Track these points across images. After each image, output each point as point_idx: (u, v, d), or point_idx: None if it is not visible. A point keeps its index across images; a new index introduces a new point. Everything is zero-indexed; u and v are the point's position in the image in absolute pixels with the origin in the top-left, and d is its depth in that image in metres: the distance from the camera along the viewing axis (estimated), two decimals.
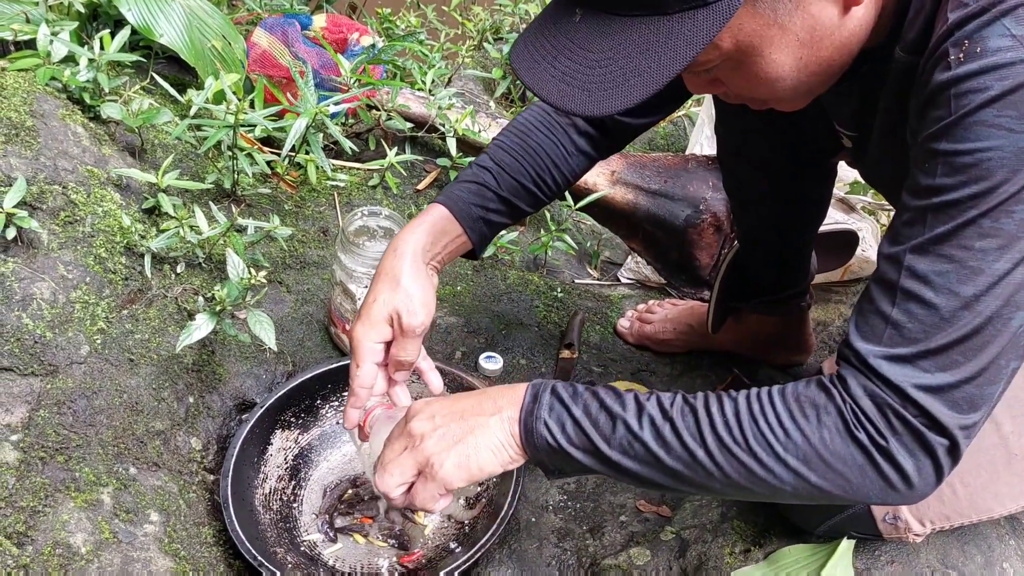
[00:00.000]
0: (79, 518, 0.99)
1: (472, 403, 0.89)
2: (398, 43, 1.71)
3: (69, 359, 1.12)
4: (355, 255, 1.27)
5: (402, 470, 0.89)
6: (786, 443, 0.79)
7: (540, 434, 0.85)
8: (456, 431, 0.87)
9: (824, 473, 0.79)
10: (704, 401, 0.83)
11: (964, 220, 0.73)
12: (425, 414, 0.89)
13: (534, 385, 0.88)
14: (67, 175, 1.27)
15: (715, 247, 1.66)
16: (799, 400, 0.80)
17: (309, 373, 1.29)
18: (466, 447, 0.87)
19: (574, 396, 0.86)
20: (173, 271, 1.32)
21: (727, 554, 1.12)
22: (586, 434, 0.84)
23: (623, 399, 0.85)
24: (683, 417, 0.83)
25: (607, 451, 0.84)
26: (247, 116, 1.38)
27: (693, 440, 0.81)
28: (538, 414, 0.86)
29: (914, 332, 0.76)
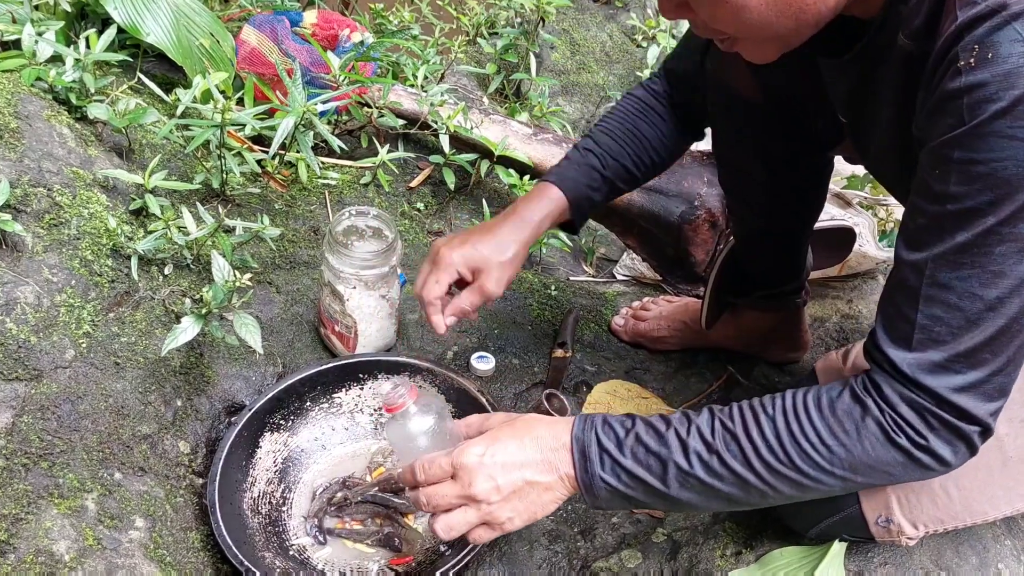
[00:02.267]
0: (62, 525, 0.99)
1: (528, 467, 0.93)
2: (387, 40, 1.70)
3: (54, 363, 1.12)
4: (342, 256, 1.26)
5: (468, 524, 0.94)
6: (831, 459, 0.84)
7: (600, 489, 0.91)
8: (523, 497, 0.93)
9: (870, 475, 0.85)
10: (743, 424, 0.87)
11: (983, 228, 0.76)
12: (485, 479, 0.92)
13: (578, 440, 0.92)
14: (52, 177, 1.26)
15: (710, 243, 1.64)
16: (836, 414, 0.84)
17: (299, 375, 1.28)
18: (533, 506, 0.93)
19: (620, 446, 0.91)
20: (160, 273, 1.31)
21: (718, 556, 1.11)
22: (642, 481, 0.89)
23: (666, 439, 0.89)
24: (727, 447, 0.87)
25: (665, 491, 0.89)
26: (235, 115, 1.37)
27: (743, 468, 0.86)
28: (592, 471, 0.91)
29: (942, 335, 0.80)
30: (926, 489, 0.98)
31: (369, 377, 1.32)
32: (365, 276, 1.28)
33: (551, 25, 2.18)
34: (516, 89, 2.09)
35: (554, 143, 1.72)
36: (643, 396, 1.44)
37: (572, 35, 2.26)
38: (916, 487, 0.98)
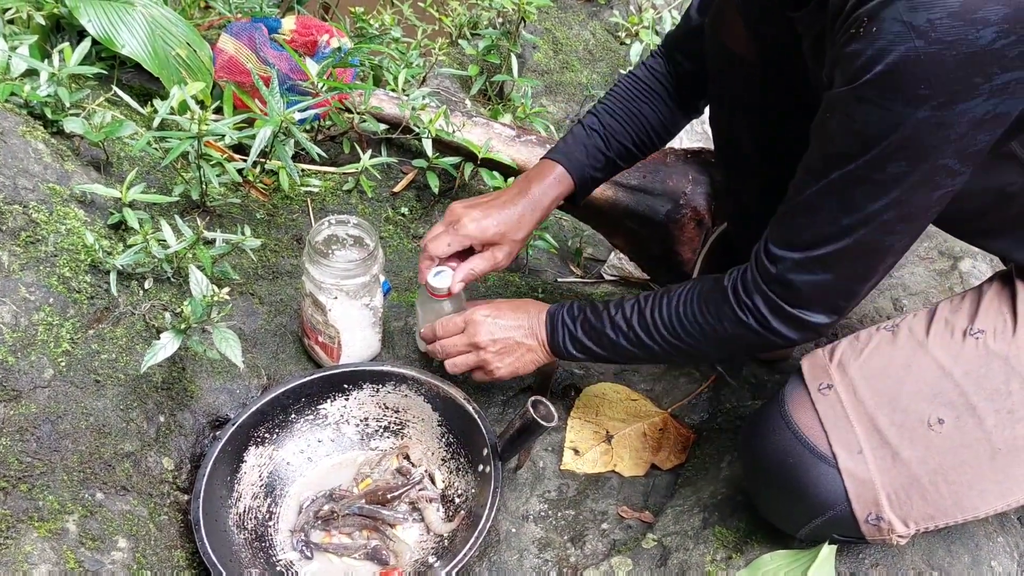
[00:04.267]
0: (43, 548, 0.97)
1: (518, 329, 1.25)
2: (365, 45, 1.68)
3: (32, 383, 1.10)
4: (322, 266, 1.25)
5: (467, 365, 1.27)
6: (700, 332, 1.11)
7: (561, 352, 1.24)
8: (511, 351, 1.25)
9: (732, 346, 1.11)
10: (650, 307, 1.15)
11: (849, 170, 0.92)
12: (486, 332, 1.25)
13: (551, 316, 1.24)
14: (28, 193, 1.24)
15: (696, 242, 1.63)
16: (706, 300, 1.10)
17: (283, 387, 1.27)
18: (517, 362, 1.26)
19: (575, 322, 1.22)
20: (141, 287, 1.29)
21: (708, 562, 1.11)
22: (589, 348, 1.21)
23: (602, 316, 1.19)
24: (639, 323, 1.16)
25: (605, 355, 1.20)
26: (212, 126, 1.35)
27: (648, 338, 1.15)
28: (556, 340, 1.23)
29: (806, 240, 0.99)
30: (916, 485, 0.98)
31: (354, 387, 1.31)
32: (346, 286, 1.26)
33: (533, 25, 2.17)
34: (499, 90, 2.07)
35: (538, 144, 1.71)
36: (632, 398, 1.43)
37: (555, 34, 2.25)
38: (906, 484, 0.98)
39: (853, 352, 1.06)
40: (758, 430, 1.05)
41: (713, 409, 1.44)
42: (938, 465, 0.98)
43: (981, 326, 1.03)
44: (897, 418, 0.99)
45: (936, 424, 0.98)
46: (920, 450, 0.97)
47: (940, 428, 0.98)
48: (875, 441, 0.98)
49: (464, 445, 1.28)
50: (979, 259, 1.73)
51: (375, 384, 1.31)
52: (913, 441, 0.98)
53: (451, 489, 1.27)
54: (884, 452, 0.98)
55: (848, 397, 1.01)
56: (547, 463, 1.32)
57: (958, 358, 1.01)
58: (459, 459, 1.28)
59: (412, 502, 1.24)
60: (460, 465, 1.28)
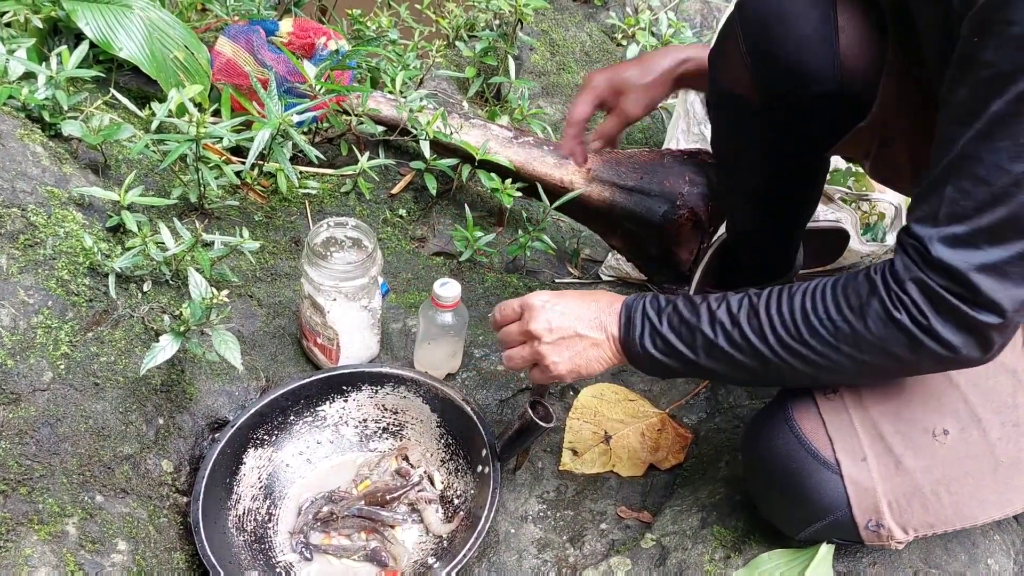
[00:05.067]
0: (43, 551, 0.98)
1: (581, 319, 1.06)
2: (362, 47, 1.68)
3: (32, 386, 1.10)
4: (321, 268, 1.25)
5: (523, 359, 1.09)
6: (835, 333, 0.88)
7: (638, 352, 1.02)
8: (572, 346, 1.06)
9: (874, 354, 0.87)
10: (767, 301, 0.94)
11: (1015, 94, 0.74)
12: (543, 319, 1.06)
13: (627, 307, 1.04)
14: (26, 197, 1.24)
15: (694, 242, 1.64)
16: (846, 292, 0.88)
17: (282, 389, 1.27)
18: (578, 358, 1.06)
19: (660, 314, 1.01)
20: (139, 290, 1.29)
21: (707, 561, 1.11)
22: (675, 347, 0.99)
23: (698, 310, 0.98)
24: (748, 320, 0.94)
25: (694, 359, 0.99)
26: (210, 128, 1.36)
27: (759, 340, 0.93)
28: (633, 336, 1.02)
29: (967, 209, 0.79)
30: (917, 495, 0.98)
31: (353, 389, 1.31)
32: (345, 288, 1.27)
33: (529, 26, 2.17)
34: (496, 92, 2.08)
35: (535, 145, 1.71)
36: (630, 399, 1.44)
37: (551, 36, 2.25)
38: (907, 492, 0.98)
39: None
40: (761, 432, 1.05)
41: (711, 409, 1.45)
42: (941, 475, 0.98)
43: None
44: (902, 427, 0.98)
45: (941, 435, 0.98)
46: (924, 460, 0.97)
47: (945, 439, 0.97)
48: (879, 449, 0.98)
49: (463, 446, 1.28)
50: None
51: (374, 386, 1.32)
52: (917, 450, 0.98)
53: (450, 490, 1.27)
54: (888, 460, 0.98)
55: (854, 404, 1.00)
56: (546, 464, 1.33)
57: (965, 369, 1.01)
58: (458, 460, 1.28)
59: (411, 503, 1.25)
60: (459, 466, 1.28)
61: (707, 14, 2.45)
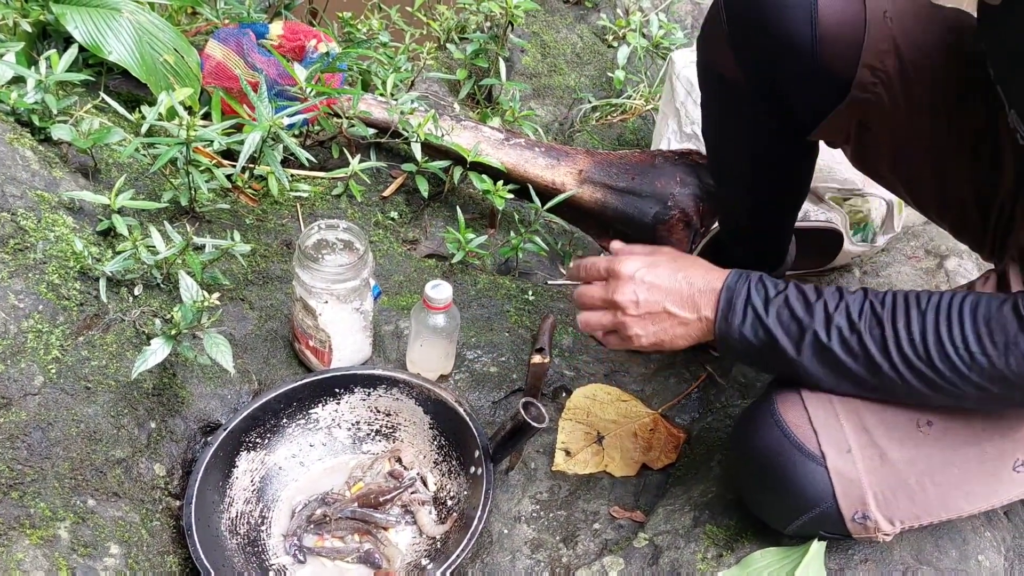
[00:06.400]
0: (34, 556, 0.97)
1: (672, 295, 1.00)
2: (353, 50, 1.68)
3: (22, 391, 1.10)
4: (313, 271, 1.25)
5: (602, 326, 1.05)
6: (971, 365, 0.84)
7: (733, 340, 0.97)
8: (658, 322, 1.01)
9: (1008, 391, 0.86)
10: (892, 312, 0.89)
11: None
12: (630, 291, 1.01)
13: (729, 290, 0.97)
14: (16, 201, 1.24)
15: (685, 243, 1.64)
16: (989, 323, 0.84)
17: (274, 392, 1.27)
18: (663, 334, 1.02)
19: (767, 304, 0.95)
20: (130, 294, 1.29)
21: (699, 560, 1.11)
22: (777, 343, 0.94)
23: (812, 308, 0.92)
24: (870, 330, 0.89)
25: (795, 358, 0.94)
26: (201, 131, 1.35)
27: (880, 354, 0.88)
28: (732, 322, 0.96)
29: None
30: (903, 486, 0.98)
31: (345, 391, 1.31)
32: (337, 290, 1.27)
33: (521, 28, 2.18)
34: (487, 94, 2.08)
35: (526, 147, 1.72)
36: (623, 399, 1.44)
37: (542, 37, 2.26)
38: (893, 484, 0.99)
39: None
40: (747, 428, 1.06)
41: (703, 409, 1.45)
42: (926, 466, 0.98)
43: None
44: (887, 419, 0.99)
45: (925, 426, 0.98)
46: (908, 451, 0.98)
47: (929, 430, 0.98)
48: (864, 441, 0.99)
49: (456, 447, 1.28)
50: (965, 257, 1.75)
51: (366, 388, 1.32)
52: (902, 442, 0.98)
53: (443, 491, 1.27)
54: (872, 452, 0.98)
55: (838, 396, 1.01)
56: (538, 464, 1.33)
57: None
58: (451, 461, 1.29)
59: (404, 505, 1.25)
60: (452, 467, 1.28)
61: (698, 15, 2.45)
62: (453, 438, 1.28)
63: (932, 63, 1.07)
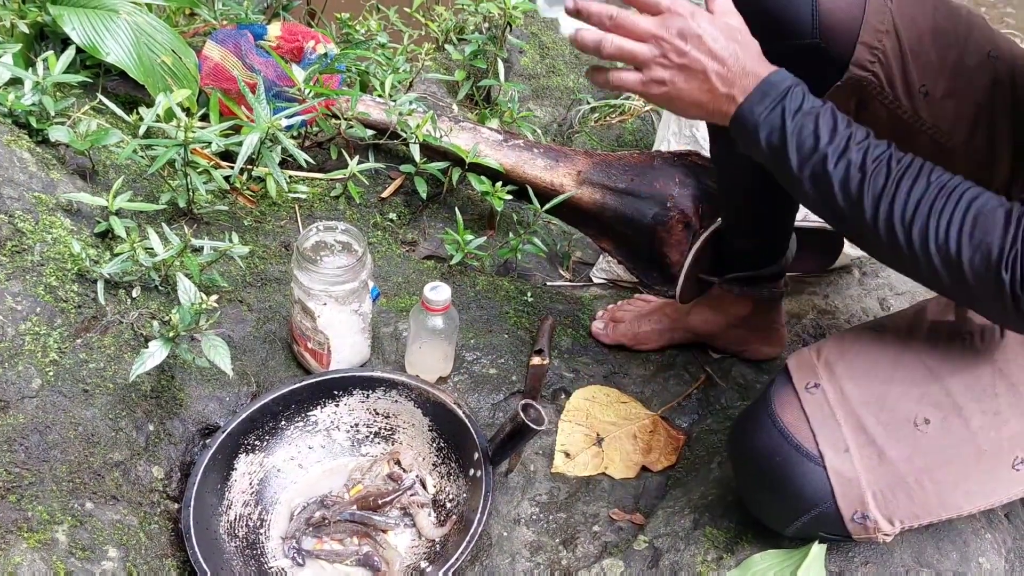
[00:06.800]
0: (32, 559, 0.97)
1: (716, 60, 0.94)
2: (351, 51, 1.68)
3: (20, 393, 1.10)
4: (311, 273, 1.25)
5: (633, 54, 0.95)
6: (941, 246, 0.87)
7: (747, 128, 0.95)
8: (690, 79, 0.95)
9: (957, 282, 0.88)
10: (903, 170, 0.90)
11: None
12: (688, 28, 0.93)
13: (769, 83, 0.94)
14: (13, 203, 1.24)
15: (684, 244, 1.64)
16: (977, 218, 0.86)
17: (273, 394, 1.27)
18: (684, 95, 0.96)
19: (797, 111, 0.93)
20: (128, 296, 1.29)
21: (699, 562, 1.11)
22: (784, 147, 0.93)
23: (836, 134, 0.92)
24: (874, 176, 0.90)
25: (794, 170, 0.94)
26: (199, 133, 1.35)
27: (870, 200, 0.90)
28: (755, 112, 0.94)
29: None
30: (901, 485, 0.98)
31: (344, 393, 1.31)
32: (335, 292, 1.26)
33: (519, 29, 2.18)
34: (486, 95, 2.08)
35: (525, 148, 1.71)
36: (622, 401, 1.44)
37: (541, 39, 2.26)
38: (891, 483, 0.99)
39: (840, 351, 1.07)
40: (745, 429, 1.06)
41: (703, 411, 1.45)
42: (924, 464, 0.99)
43: (969, 327, 1.04)
44: (884, 417, 0.99)
45: (922, 424, 0.98)
46: (906, 449, 0.98)
47: (926, 428, 0.98)
48: (861, 440, 0.99)
49: (455, 450, 1.28)
50: None
51: (365, 390, 1.31)
52: (899, 440, 0.99)
53: (442, 494, 1.27)
54: (870, 451, 0.98)
55: (835, 396, 1.01)
56: (538, 466, 1.32)
57: (945, 358, 1.02)
58: (450, 464, 1.28)
59: (403, 507, 1.24)
60: (451, 470, 1.28)
61: None
62: (452, 440, 1.28)
63: (929, 46, 1.09)
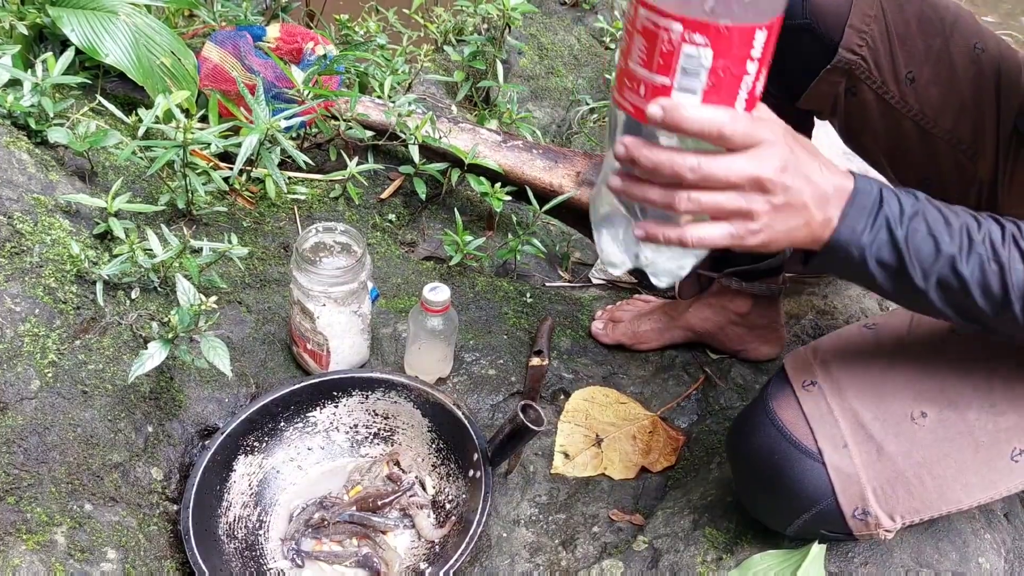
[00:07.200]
0: (31, 561, 0.97)
1: (811, 185, 0.78)
2: (350, 52, 1.68)
3: (19, 395, 1.10)
4: (310, 274, 1.24)
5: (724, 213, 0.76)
6: None
7: (849, 251, 0.81)
8: (791, 218, 0.79)
9: None
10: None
11: None
12: (788, 162, 0.76)
13: (860, 192, 0.80)
14: (12, 204, 1.24)
15: None
16: None
17: (272, 395, 1.27)
18: (783, 235, 0.80)
19: (902, 215, 0.80)
20: (127, 297, 1.29)
21: (699, 563, 1.11)
22: (904, 263, 0.81)
23: (951, 228, 0.81)
24: (1013, 266, 0.80)
25: (918, 282, 0.82)
26: (198, 134, 1.35)
27: (1018, 293, 0.80)
28: (857, 230, 0.80)
29: None
30: (901, 479, 0.99)
31: (343, 395, 1.31)
32: (334, 293, 1.26)
33: (518, 30, 2.18)
34: (485, 96, 2.08)
35: (524, 149, 1.72)
36: (621, 401, 1.44)
37: (540, 40, 2.26)
38: (891, 477, 0.99)
39: (836, 349, 1.07)
40: (744, 429, 1.06)
41: (702, 411, 1.45)
42: (922, 458, 0.99)
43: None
44: (881, 412, 1.00)
45: (919, 418, 0.99)
46: (904, 444, 0.98)
47: (923, 422, 0.99)
48: (860, 436, 0.99)
49: (454, 450, 1.28)
50: None
51: (364, 391, 1.31)
52: (897, 435, 0.99)
53: (442, 495, 1.27)
54: (869, 446, 0.98)
55: (832, 392, 1.01)
56: (537, 467, 1.32)
57: (940, 354, 1.02)
58: (449, 465, 1.28)
59: (403, 508, 1.24)
60: (450, 471, 1.28)
61: None
62: (451, 441, 1.28)
63: (915, 33, 1.11)
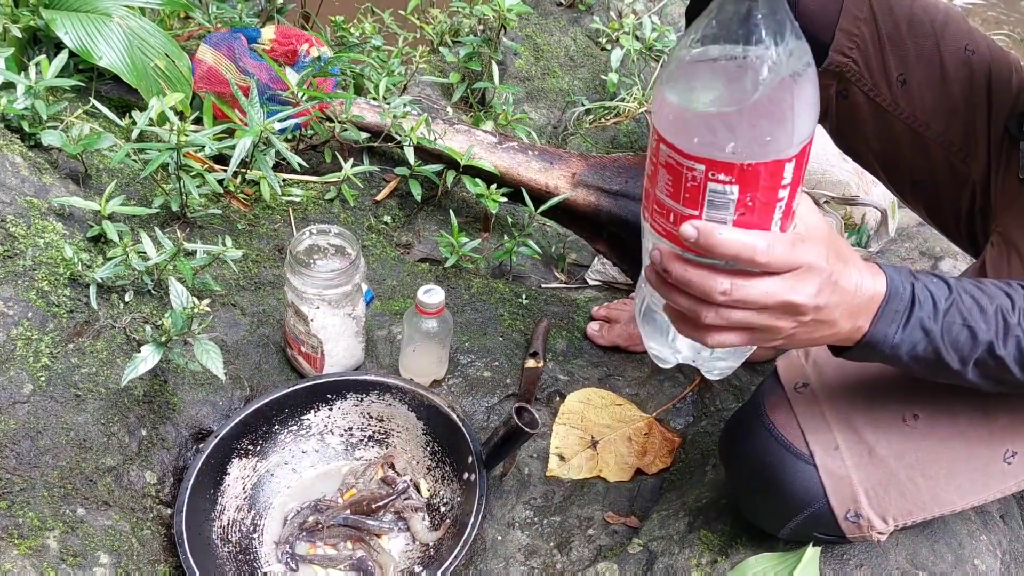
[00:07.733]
0: (23, 566, 0.96)
1: (847, 301, 0.77)
2: (345, 54, 1.68)
3: (11, 399, 1.09)
4: (304, 276, 1.24)
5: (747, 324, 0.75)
6: None
7: (880, 351, 0.81)
8: (819, 330, 0.78)
9: None
10: None
11: None
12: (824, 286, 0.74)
13: (893, 296, 0.79)
14: (5, 208, 1.23)
15: None
16: None
17: (266, 398, 1.26)
18: (808, 342, 0.80)
19: (934, 316, 0.80)
20: (121, 300, 1.28)
21: (694, 566, 1.11)
22: (940, 356, 0.82)
23: (987, 315, 0.81)
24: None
25: (959, 370, 0.83)
26: (192, 136, 1.35)
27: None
28: (887, 333, 0.80)
29: None
30: (893, 481, 0.99)
31: (338, 397, 1.31)
32: (328, 295, 1.26)
33: (514, 32, 2.17)
34: (480, 97, 2.07)
35: (520, 151, 1.71)
36: (617, 403, 1.44)
37: (535, 41, 2.25)
38: (883, 479, 0.99)
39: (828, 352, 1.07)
40: (736, 431, 1.06)
41: (698, 413, 1.45)
42: (915, 460, 0.99)
43: None
44: (873, 415, 1.00)
45: (911, 419, 0.99)
46: (896, 446, 0.98)
47: (915, 424, 0.98)
48: (851, 438, 0.99)
49: (449, 453, 1.27)
50: (960, 259, 1.74)
51: (359, 394, 1.31)
52: (889, 437, 0.99)
53: (436, 498, 1.26)
54: (860, 448, 0.98)
55: (824, 395, 1.01)
56: (532, 470, 1.32)
57: None
58: (444, 467, 1.28)
59: (397, 512, 1.24)
60: (445, 473, 1.27)
61: None
62: (446, 444, 1.28)
63: (905, 35, 1.11)
